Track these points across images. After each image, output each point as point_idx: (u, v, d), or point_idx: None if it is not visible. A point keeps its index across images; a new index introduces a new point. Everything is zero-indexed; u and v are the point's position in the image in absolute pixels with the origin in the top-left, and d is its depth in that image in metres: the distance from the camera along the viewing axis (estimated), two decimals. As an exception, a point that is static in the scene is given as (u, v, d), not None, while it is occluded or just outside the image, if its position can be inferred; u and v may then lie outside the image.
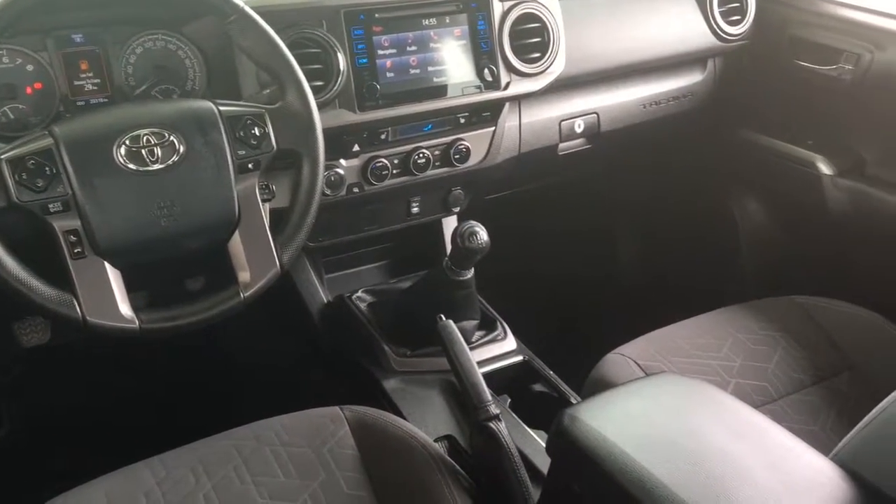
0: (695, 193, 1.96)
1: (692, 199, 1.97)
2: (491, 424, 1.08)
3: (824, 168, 1.63)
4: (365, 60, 1.25)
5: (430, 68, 1.30)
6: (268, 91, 1.12)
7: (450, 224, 1.59)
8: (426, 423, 1.27)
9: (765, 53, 1.70)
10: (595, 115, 1.61)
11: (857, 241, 1.64)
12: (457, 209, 1.56)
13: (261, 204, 1.03)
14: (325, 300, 1.52)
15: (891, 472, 0.80)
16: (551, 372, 1.41)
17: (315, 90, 1.16)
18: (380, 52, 1.26)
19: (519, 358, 1.43)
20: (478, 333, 1.44)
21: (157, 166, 0.96)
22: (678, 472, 0.82)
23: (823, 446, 0.92)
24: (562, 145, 1.60)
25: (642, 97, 1.66)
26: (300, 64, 1.07)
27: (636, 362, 1.33)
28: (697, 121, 1.76)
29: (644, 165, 1.97)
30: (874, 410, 0.85)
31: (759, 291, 1.55)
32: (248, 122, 1.01)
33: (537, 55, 1.39)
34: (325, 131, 1.08)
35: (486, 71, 1.34)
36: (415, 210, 1.51)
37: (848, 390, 1.32)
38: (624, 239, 2.14)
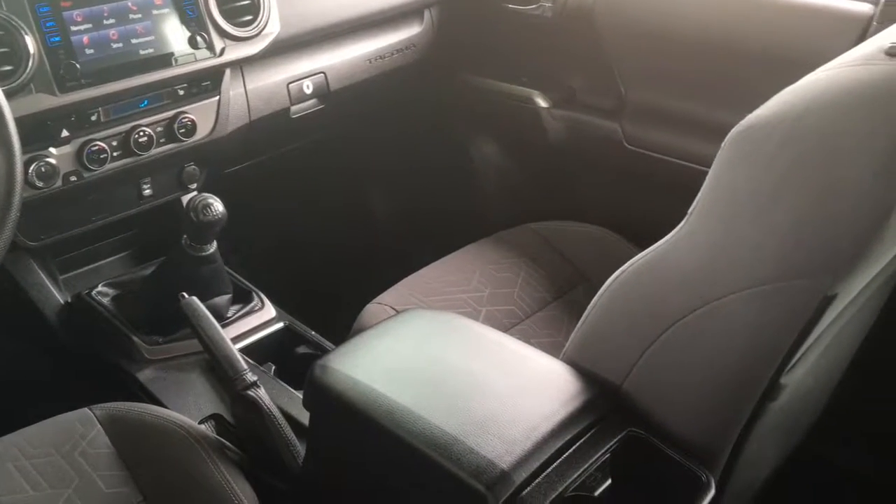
0: (433, 141, 2.03)
1: (432, 146, 2.04)
2: (249, 392, 1.07)
3: (541, 102, 1.75)
4: (58, 39, 1.15)
5: (133, 41, 1.23)
6: (-58, 82, 1.01)
7: (189, 202, 1.54)
8: (188, 407, 1.23)
9: (475, -1, 1.79)
10: (323, 74, 1.61)
11: (577, 166, 1.78)
12: (193, 186, 1.50)
13: (-50, 205, 0.93)
14: (63, 301, 1.42)
15: (600, 357, 0.90)
16: (313, 333, 1.42)
17: (3, 76, 1.07)
18: (73, 28, 1.17)
19: (280, 325, 1.43)
20: (233, 308, 1.41)
21: None
22: (423, 397, 0.86)
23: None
24: (294, 108, 1.59)
25: (367, 53, 1.68)
26: None
27: (393, 308, 1.37)
28: (423, 70, 1.82)
29: (382, 120, 2.00)
30: (587, 309, 0.94)
31: (502, 224, 1.65)
32: (-82, 116, 0.91)
33: (249, 17, 1.35)
34: (22, 118, 1.01)
35: (197, 38, 1.29)
36: (147, 192, 1.43)
37: (584, 300, 1.44)
38: (375, 194, 2.17)
